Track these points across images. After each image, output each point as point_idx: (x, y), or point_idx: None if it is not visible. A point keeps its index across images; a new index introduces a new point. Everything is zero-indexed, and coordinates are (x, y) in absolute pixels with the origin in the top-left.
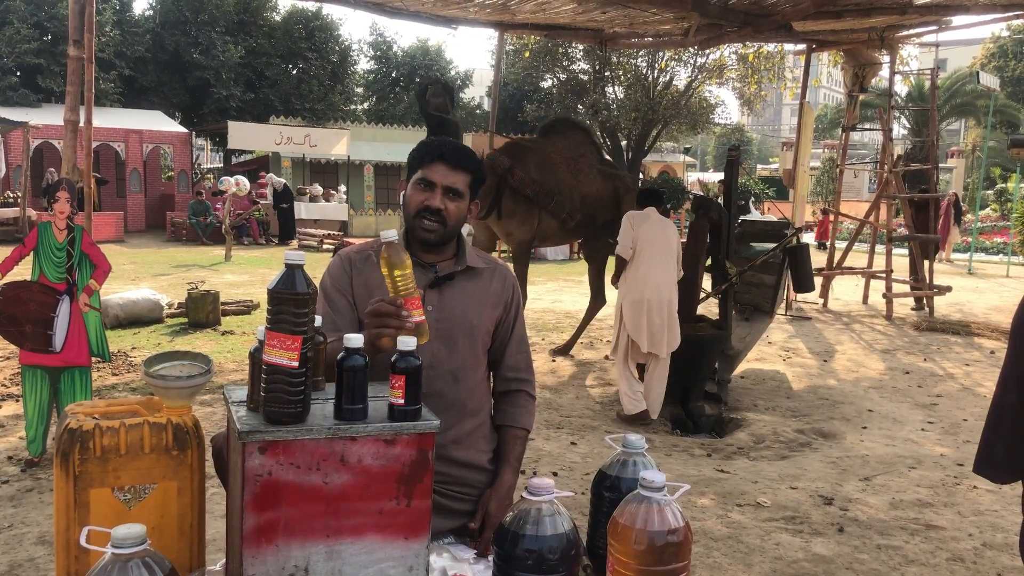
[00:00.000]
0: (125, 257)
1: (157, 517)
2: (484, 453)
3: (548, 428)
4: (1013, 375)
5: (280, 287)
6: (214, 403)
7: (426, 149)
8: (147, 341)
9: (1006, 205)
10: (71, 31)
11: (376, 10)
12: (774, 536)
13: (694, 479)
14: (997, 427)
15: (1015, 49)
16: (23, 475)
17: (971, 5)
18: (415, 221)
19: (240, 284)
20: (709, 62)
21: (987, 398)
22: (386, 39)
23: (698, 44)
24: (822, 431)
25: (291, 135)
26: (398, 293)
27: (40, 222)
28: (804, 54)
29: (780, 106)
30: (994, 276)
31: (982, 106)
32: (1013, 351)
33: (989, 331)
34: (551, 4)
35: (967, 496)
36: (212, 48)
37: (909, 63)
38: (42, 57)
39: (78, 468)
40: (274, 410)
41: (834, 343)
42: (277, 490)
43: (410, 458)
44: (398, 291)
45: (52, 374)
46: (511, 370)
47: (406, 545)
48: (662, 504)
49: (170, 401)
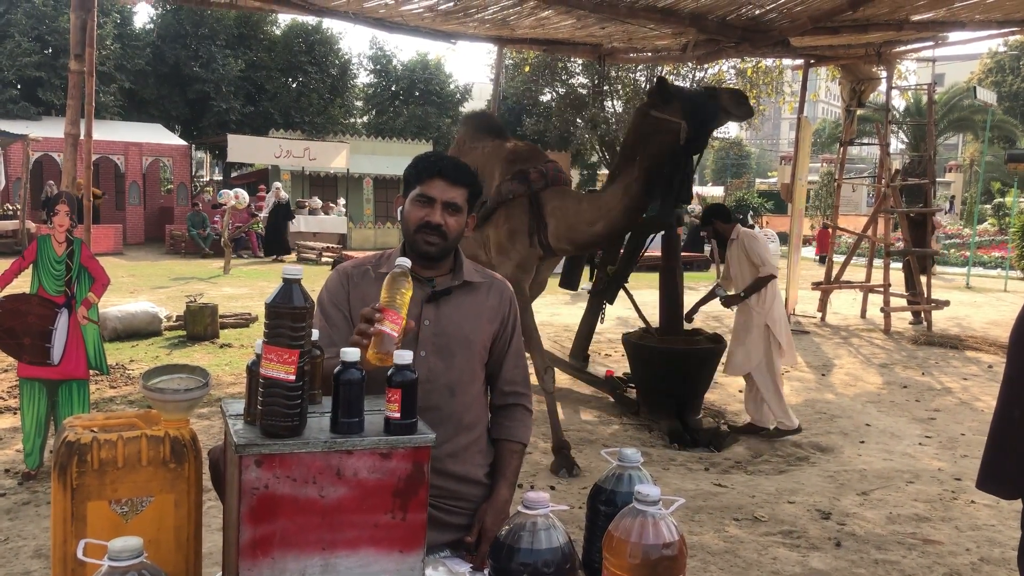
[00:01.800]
0: (124, 270)
1: (154, 530)
2: (480, 467)
3: (546, 441)
4: (1015, 391)
5: (278, 301)
6: (212, 416)
7: (424, 165)
8: (145, 354)
9: (1004, 219)
10: (72, 45)
11: (376, 25)
12: (771, 551)
13: (692, 493)
14: (1001, 443)
15: (1012, 64)
16: (20, 488)
17: (967, 21)
18: (415, 236)
19: (238, 297)
20: (708, 76)
21: (985, 412)
22: (386, 53)
23: (696, 59)
24: (820, 445)
25: (291, 148)
26: (388, 305)
27: (39, 235)
28: (802, 69)
29: (779, 120)
30: (992, 290)
31: (979, 121)
32: (1014, 366)
33: (987, 345)
34: (550, 19)
35: (964, 511)
36: (212, 61)
37: (906, 78)
38: (43, 70)
39: (76, 481)
40: (271, 423)
41: (832, 357)
42: (273, 503)
43: (406, 471)
44: (389, 304)
45: (50, 387)
46: (508, 384)
47: (401, 558)
48: (657, 518)
49: (168, 414)
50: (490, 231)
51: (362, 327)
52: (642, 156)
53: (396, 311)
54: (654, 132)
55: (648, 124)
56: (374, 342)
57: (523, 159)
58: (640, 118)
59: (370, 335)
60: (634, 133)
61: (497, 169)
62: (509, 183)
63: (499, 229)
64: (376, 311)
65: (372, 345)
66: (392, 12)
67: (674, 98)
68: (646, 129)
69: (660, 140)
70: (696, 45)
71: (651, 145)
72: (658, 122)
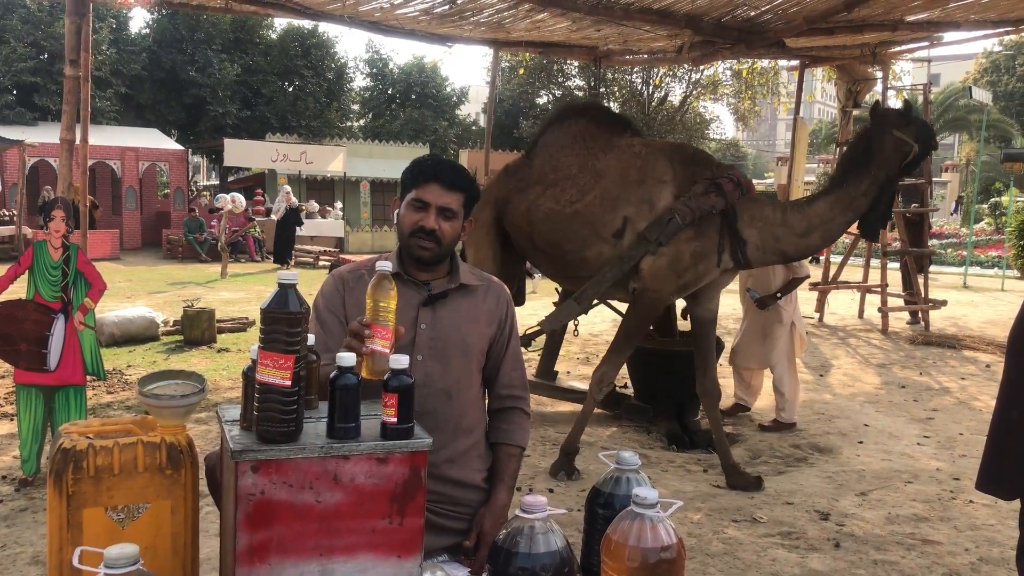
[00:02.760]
0: (121, 275)
1: (151, 537)
2: (478, 472)
3: (544, 444)
4: (1014, 392)
5: (273, 306)
6: (209, 421)
7: (420, 169)
8: (142, 359)
9: (1000, 219)
10: (67, 50)
11: (372, 28)
12: (770, 552)
13: (690, 495)
14: (1000, 444)
15: (1007, 64)
16: (17, 494)
17: (962, 21)
18: (409, 241)
19: (236, 301)
20: (704, 78)
21: (983, 412)
22: (382, 56)
23: (692, 60)
24: (818, 446)
25: (287, 152)
26: (375, 320)
27: (36, 240)
28: (798, 70)
29: (775, 121)
30: (989, 290)
31: (975, 121)
32: (1012, 367)
33: (984, 345)
34: (545, 22)
35: (963, 511)
36: (208, 66)
37: (902, 78)
38: (38, 75)
39: (71, 488)
40: (267, 429)
41: (830, 357)
42: (270, 509)
43: (403, 476)
44: (376, 318)
45: (47, 393)
46: (505, 387)
47: (399, 563)
48: (655, 521)
49: (164, 420)
50: (666, 251)
51: (352, 344)
52: (876, 172)
53: (384, 325)
54: (892, 151)
55: (888, 142)
56: (367, 362)
57: (696, 162)
58: (880, 135)
59: (363, 354)
60: (869, 148)
61: (669, 173)
62: (704, 197)
63: (683, 248)
64: (364, 327)
65: (366, 364)
66: (387, 16)
67: (912, 121)
68: (886, 147)
69: (895, 158)
70: (692, 47)
71: (887, 162)
72: (897, 142)
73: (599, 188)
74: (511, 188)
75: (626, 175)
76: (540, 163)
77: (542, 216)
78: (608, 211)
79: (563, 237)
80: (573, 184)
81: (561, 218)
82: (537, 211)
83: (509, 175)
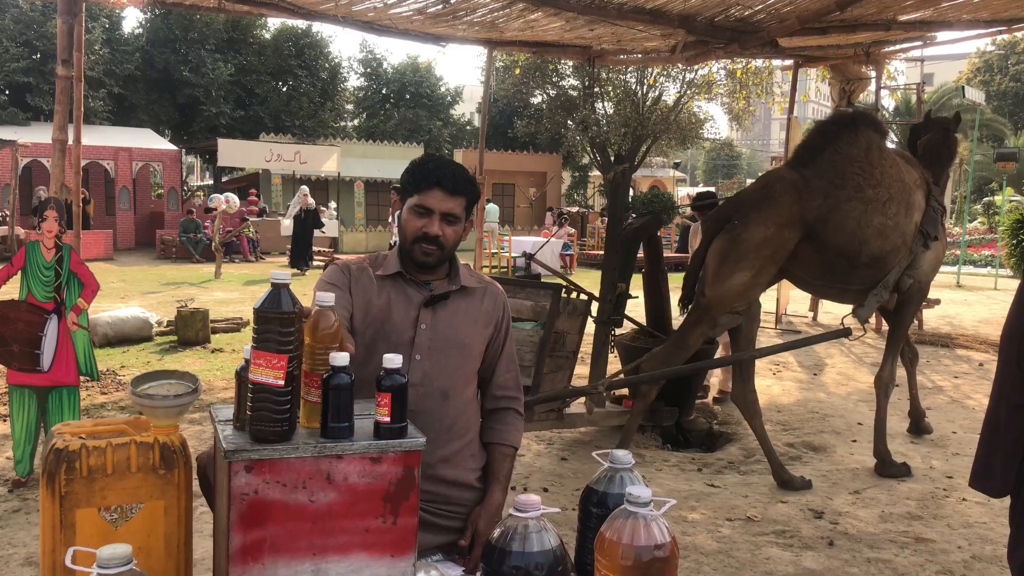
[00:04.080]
0: (114, 275)
1: (144, 537)
2: (472, 472)
3: (539, 443)
4: (1003, 389)
5: (266, 306)
6: (203, 421)
7: (422, 173)
8: (136, 359)
9: (994, 218)
10: (60, 50)
11: (365, 28)
12: (764, 550)
13: (684, 494)
14: (992, 441)
15: (1000, 63)
16: (10, 495)
17: (954, 21)
18: (413, 246)
19: (230, 302)
20: (698, 78)
21: (976, 411)
22: (376, 56)
23: (686, 60)
24: (812, 445)
25: (281, 152)
26: (313, 369)
27: (28, 241)
28: (791, 70)
29: (769, 121)
30: (982, 289)
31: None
32: (1002, 365)
33: (978, 343)
34: (539, 22)
35: (956, 508)
36: (202, 66)
37: (896, 78)
38: (31, 76)
39: (64, 488)
40: (260, 428)
41: (824, 356)
42: (263, 509)
43: (396, 476)
44: (314, 367)
45: (40, 393)
46: (500, 388)
47: (392, 563)
48: (648, 519)
49: (157, 420)
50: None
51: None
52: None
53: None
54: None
55: (949, 140)
56: (305, 412)
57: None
58: (945, 135)
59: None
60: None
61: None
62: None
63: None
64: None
65: (304, 414)
66: (381, 15)
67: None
68: (949, 143)
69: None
70: (685, 46)
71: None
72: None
73: (900, 196)
74: (820, 206)
75: (904, 180)
76: (843, 178)
77: (874, 231)
78: (908, 217)
79: (891, 251)
80: (888, 195)
81: (888, 230)
82: (868, 227)
83: (805, 193)
